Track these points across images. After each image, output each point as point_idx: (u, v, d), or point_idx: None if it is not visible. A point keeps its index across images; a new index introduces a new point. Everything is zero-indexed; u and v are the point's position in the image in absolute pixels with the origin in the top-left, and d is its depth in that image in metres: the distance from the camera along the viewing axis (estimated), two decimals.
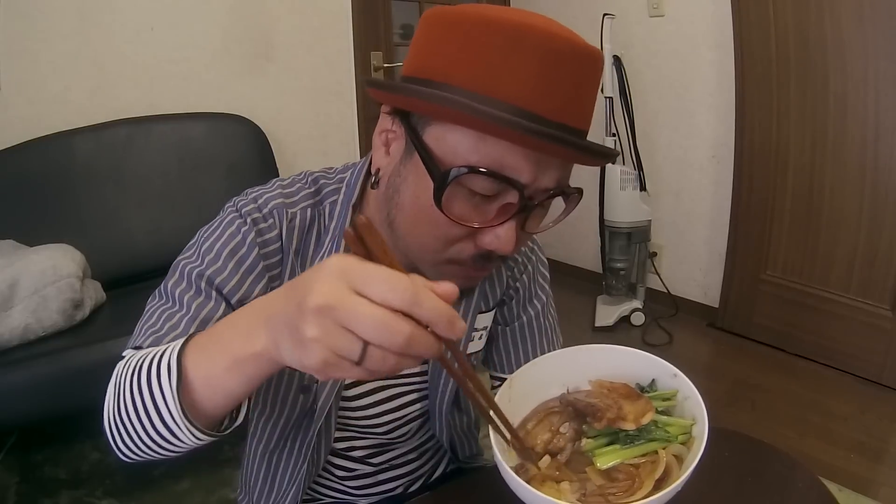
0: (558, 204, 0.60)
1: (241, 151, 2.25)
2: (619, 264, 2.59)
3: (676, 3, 2.53)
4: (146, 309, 0.62)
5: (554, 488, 0.55)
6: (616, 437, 0.56)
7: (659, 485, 0.52)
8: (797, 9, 2.14)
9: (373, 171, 0.61)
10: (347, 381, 0.69)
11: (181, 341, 0.49)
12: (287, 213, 0.64)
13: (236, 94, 2.34)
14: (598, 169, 2.52)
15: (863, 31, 2.01)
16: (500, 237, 0.54)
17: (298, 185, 0.67)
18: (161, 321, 0.58)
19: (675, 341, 2.54)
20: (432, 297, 0.37)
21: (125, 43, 2.09)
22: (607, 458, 0.54)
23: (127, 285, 1.96)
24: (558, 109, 0.50)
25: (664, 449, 0.55)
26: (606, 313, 2.63)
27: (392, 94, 0.56)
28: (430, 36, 0.54)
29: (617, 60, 2.50)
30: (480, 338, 0.77)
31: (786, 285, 2.40)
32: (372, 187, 0.62)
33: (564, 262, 3.24)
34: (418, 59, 0.55)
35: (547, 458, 0.57)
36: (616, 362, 0.64)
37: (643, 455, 0.55)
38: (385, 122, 0.59)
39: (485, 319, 0.76)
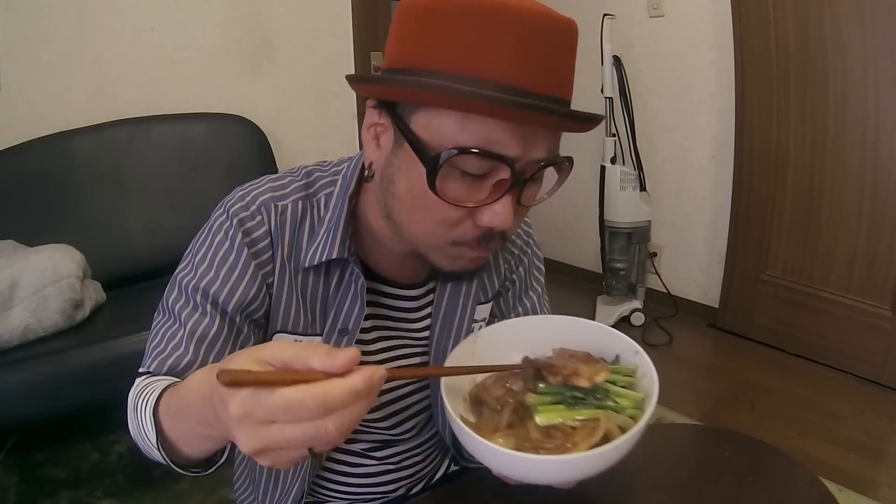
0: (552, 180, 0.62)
1: (241, 151, 2.25)
2: (619, 264, 2.59)
3: (676, 3, 2.53)
4: (153, 326, 0.65)
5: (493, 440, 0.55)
6: (563, 397, 0.56)
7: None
8: (797, 9, 2.14)
9: (366, 164, 0.62)
10: None
11: (155, 398, 0.53)
12: (277, 206, 0.65)
13: (236, 94, 2.35)
14: (598, 169, 2.53)
15: (863, 31, 2.01)
16: (498, 214, 0.55)
17: (289, 178, 0.68)
18: (164, 341, 0.62)
19: (674, 341, 2.53)
20: (332, 383, 0.37)
21: (125, 43, 2.09)
22: (548, 416, 0.54)
23: (127, 285, 1.96)
24: (539, 81, 0.51)
25: (607, 418, 0.54)
26: (606, 313, 2.63)
27: (375, 86, 0.57)
28: (407, 25, 0.54)
29: (617, 60, 2.50)
30: (479, 328, 0.77)
31: (786, 285, 2.40)
32: (366, 180, 0.62)
33: (564, 262, 3.24)
34: (397, 49, 0.55)
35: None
36: (581, 335, 0.64)
37: (584, 420, 0.54)
38: (372, 115, 0.59)
39: (483, 311, 0.77)
